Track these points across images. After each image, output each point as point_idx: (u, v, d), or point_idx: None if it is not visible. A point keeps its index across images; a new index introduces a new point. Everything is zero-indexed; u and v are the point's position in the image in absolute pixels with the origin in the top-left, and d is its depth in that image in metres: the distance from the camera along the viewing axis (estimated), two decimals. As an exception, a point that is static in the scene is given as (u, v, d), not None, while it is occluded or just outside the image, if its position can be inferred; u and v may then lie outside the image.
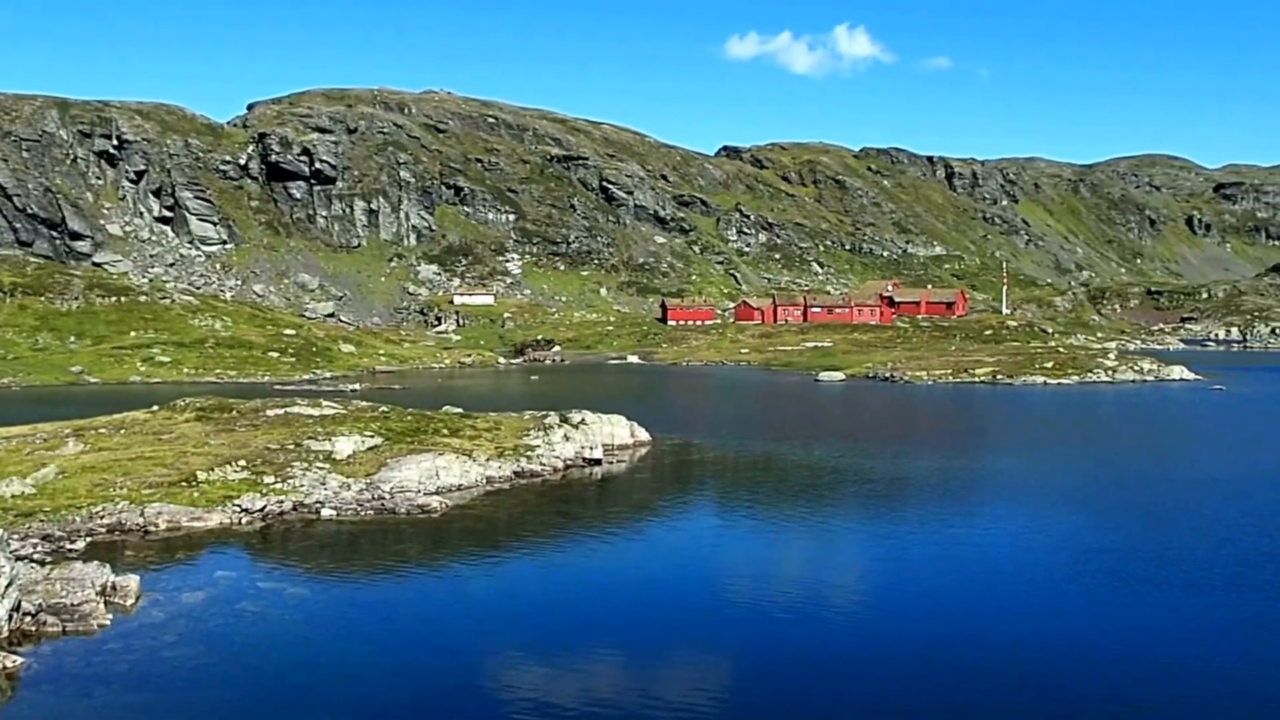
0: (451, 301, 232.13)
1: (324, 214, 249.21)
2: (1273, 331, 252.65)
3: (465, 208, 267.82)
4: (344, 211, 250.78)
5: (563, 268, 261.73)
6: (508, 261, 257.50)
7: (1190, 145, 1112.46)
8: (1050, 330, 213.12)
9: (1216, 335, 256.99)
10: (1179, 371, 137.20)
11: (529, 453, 63.71)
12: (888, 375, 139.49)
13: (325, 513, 50.62)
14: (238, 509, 49.49)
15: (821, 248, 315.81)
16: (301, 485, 53.00)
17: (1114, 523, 49.54)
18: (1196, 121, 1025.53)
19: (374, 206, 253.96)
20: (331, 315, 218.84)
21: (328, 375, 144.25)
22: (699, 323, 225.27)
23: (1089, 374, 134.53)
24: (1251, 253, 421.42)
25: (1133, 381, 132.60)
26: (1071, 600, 37.55)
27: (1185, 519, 50.28)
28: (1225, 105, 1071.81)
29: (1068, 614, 36.06)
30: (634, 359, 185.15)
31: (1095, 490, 57.95)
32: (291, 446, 58.54)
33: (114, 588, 36.82)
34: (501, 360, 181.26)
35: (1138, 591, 38.40)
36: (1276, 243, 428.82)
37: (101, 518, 47.09)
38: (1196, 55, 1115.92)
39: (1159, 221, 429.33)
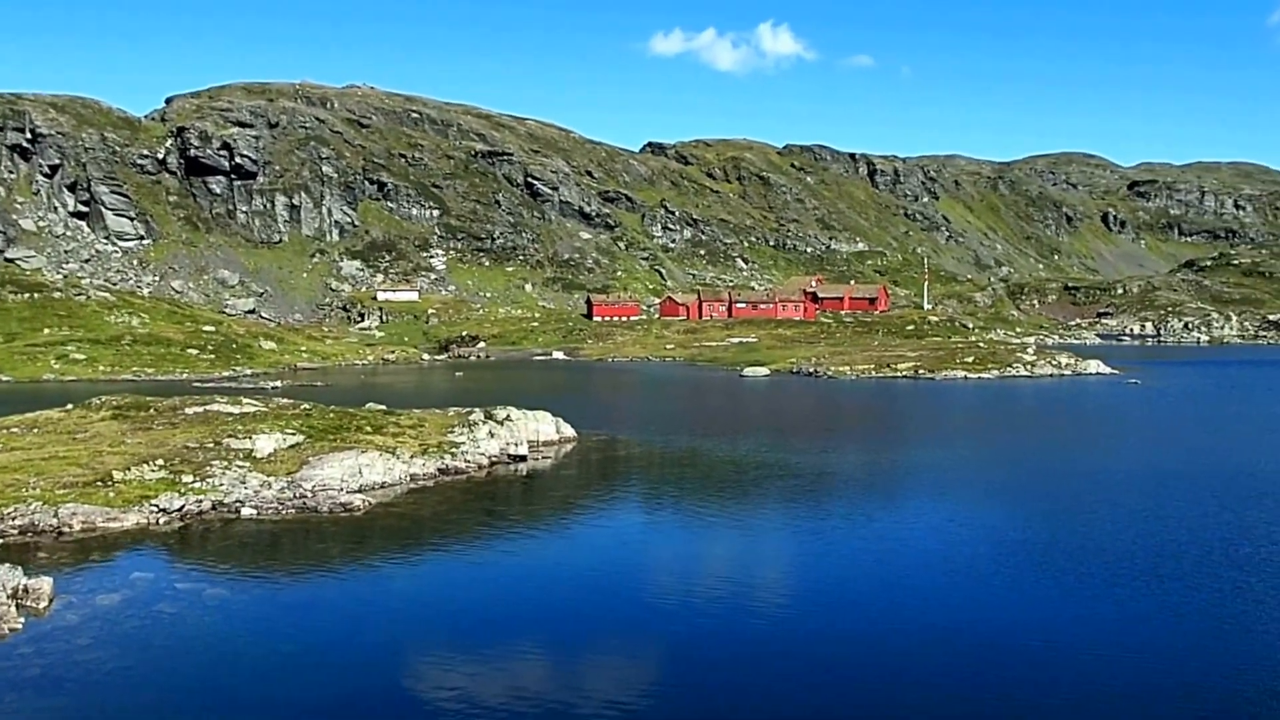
0: (375, 298, 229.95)
1: (244, 209, 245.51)
2: (1185, 326, 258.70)
3: (389, 203, 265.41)
4: (265, 207, 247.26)
5: (488, 264, 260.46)
6: (432, 257, 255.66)
7: (1106, 143, 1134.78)
8: (971, 325, 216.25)
9: (1131, 330, 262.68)
10: (1095, 366, 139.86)
11: (453, 450, 63.26)
12: (812, 370, 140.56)
13: (245, 512, 49.83)
14: (155, 509, 48.53)
15: (746, 244, 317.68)
16: (221, 484, 52.13)
17: (1036, 515, 50.32)
18: (1112, 120, 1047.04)
19: (296, 202, 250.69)
20: (252, 312, 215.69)
21: (248, 372, 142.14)
22: (624, 319, 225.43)
23: (1008, 369, 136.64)
24: (1165, 249, 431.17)
25: (1051, 376, 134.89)
26: (994, 591, 38.07)
27: (1106, 511, 51.21)
28: (1140, 104, 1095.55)
29: (991, 604, 36.56)
30: (559, 355, 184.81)
31: (1017, 483, 58.84)
32: (211, 445, 57.57)
33: (26, 590, 35.92)
34: (426, 357, 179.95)
35: (1060, 582, 39.02)
36: (1189, 239, 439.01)
37: (13, 519, 45.91)
38: (1112, 55, 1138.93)
39: (1075, 218, 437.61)
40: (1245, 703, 28.18)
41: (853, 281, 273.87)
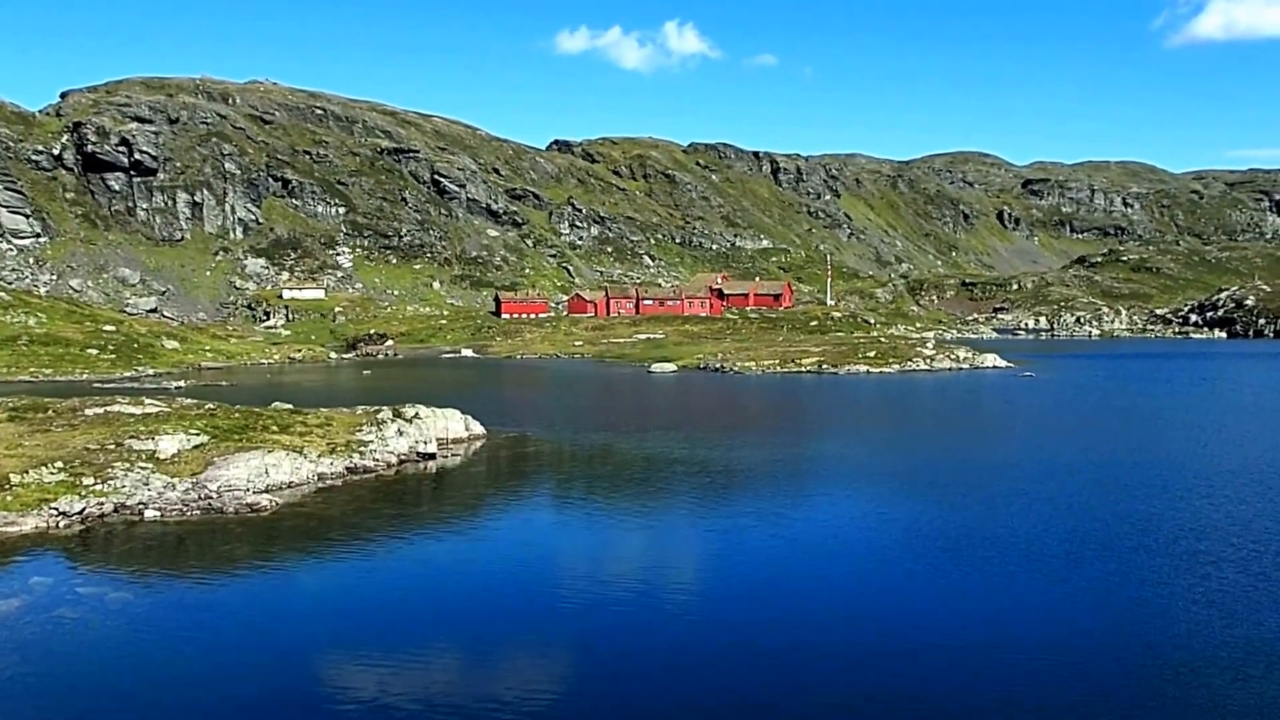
0: (280, 296, 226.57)
1: (145, 206, 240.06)
2: (1077, 321, 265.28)
3: (293, 200, 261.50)
4: (166, 204, 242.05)
5: (395, 261, 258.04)
6: (338, 255, 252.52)
7: (1001, 143, 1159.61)
8: (872, 321, 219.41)
9: (1026, 324, 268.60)
10: (992, 359, 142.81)
11: (362, 448, 62.69)
12: (718, 366, 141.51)
13: (149, 514, 48.88)
14: (55, 512, 47.34)
15: (653, 241, 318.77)
16: (123, 486, 51.06)
17: (940, 504, 51.24)
18: (1006, 120, 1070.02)
19: (198, 199, 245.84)
20: (154, 311, 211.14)
21: (151, 373, 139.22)
22: (533, 316, 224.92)
23: (909, 363, 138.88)
24: (1057, 245, 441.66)
25: (950, 369, 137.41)
26: (902, 580, 38.73)
27: (1006, 500, 52.31)
28: (1033, 104, 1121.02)
29: (900, 593, 37.19)
30: (468, 353, 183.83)
31: (920, 474, 59.85)
32: (112, 446, 56.31)
33: (-81, 599, 34.80)
34: (333, 355, 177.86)
35: (964, 569, 39.80)
36: (1080, 236, 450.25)
37: (-95, 525, 44.44)
38: (1007, 56, 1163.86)
39: (972, 216, 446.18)
40: (1160, 679, 29.05)
41: (757, 278, 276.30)
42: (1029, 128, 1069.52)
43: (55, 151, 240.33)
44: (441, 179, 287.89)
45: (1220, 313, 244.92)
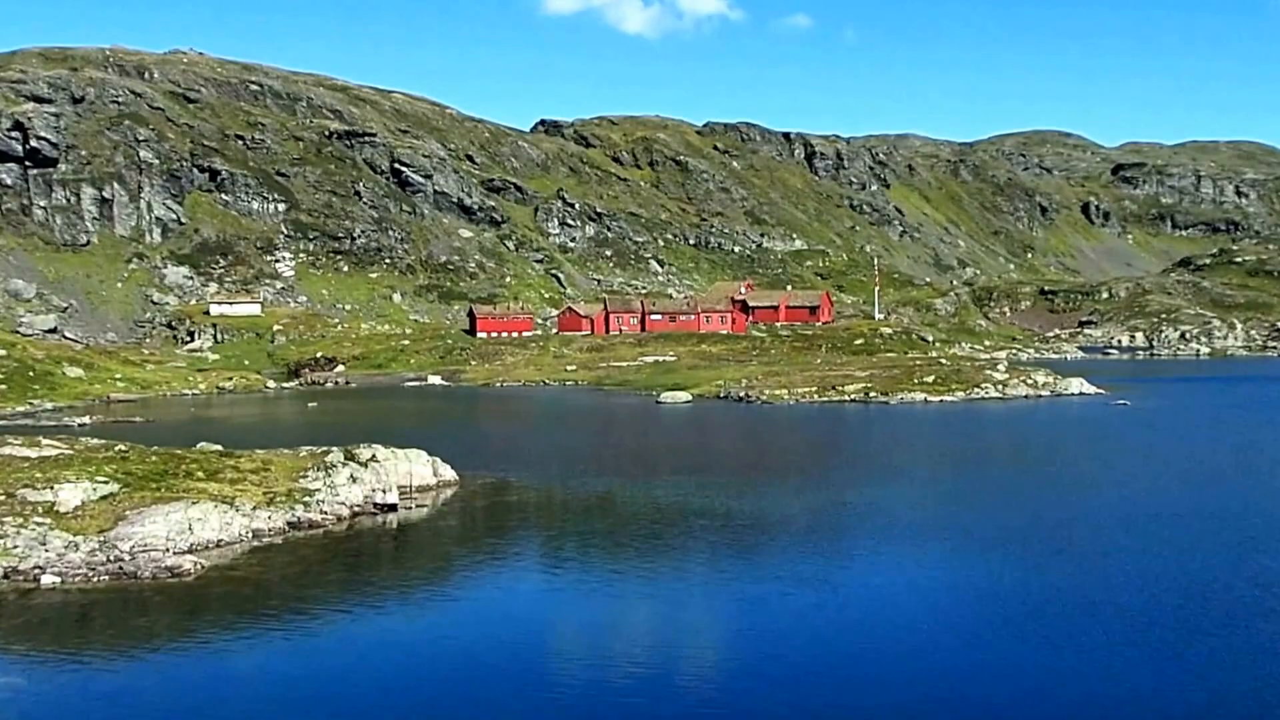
0: (207, 312, 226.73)
1: (42, 204, 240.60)
2: (1182, 336, 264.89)
3: (223, 195, 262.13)
4: (68, 201, 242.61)
5: (346, 269, 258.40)
6: (277, 262, 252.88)
7: (1085, 120, 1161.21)
8: (930, 338, 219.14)
9: (1119, 341, 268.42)
10: (1078, 385, 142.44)
11: (306, 499, 62.54)
12: (743, 395, 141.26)
13: (46, 580, 48.69)
14: (-70, 580, 47.22)
15: (661, 242, 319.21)
16: (15, 546, 50.91)
17: (1011, 566, 50.84)
18: (1091, 93, 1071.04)
19: (107, 194, 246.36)
20: (54, 331, 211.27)
21: (49, 406, 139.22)
22: (515, 334, 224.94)
23: (976, 390, 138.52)
24: (1156, 244, 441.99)
25: (1026, 397, 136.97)
26: (967, 660, 38.36)
27: (1099, 557, 51.91)
28: (1124, 75, 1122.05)
29: (963, 677, 36.83)
30: (436, 380, 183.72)
31: (989, 528, 59.46)
32: (2, 498, 56.19)
33: None
34: (271, 384, 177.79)
35: (1047, 648, 39.44)
36: (1184, 233, 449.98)
37: None
38: (1092, 19, 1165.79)
39: (1051, 209, 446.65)
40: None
41: (789, 287, 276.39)
42: (1119, 101, 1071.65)
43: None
44: (403, 168, 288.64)
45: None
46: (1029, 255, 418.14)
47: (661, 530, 60.01)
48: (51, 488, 57.77)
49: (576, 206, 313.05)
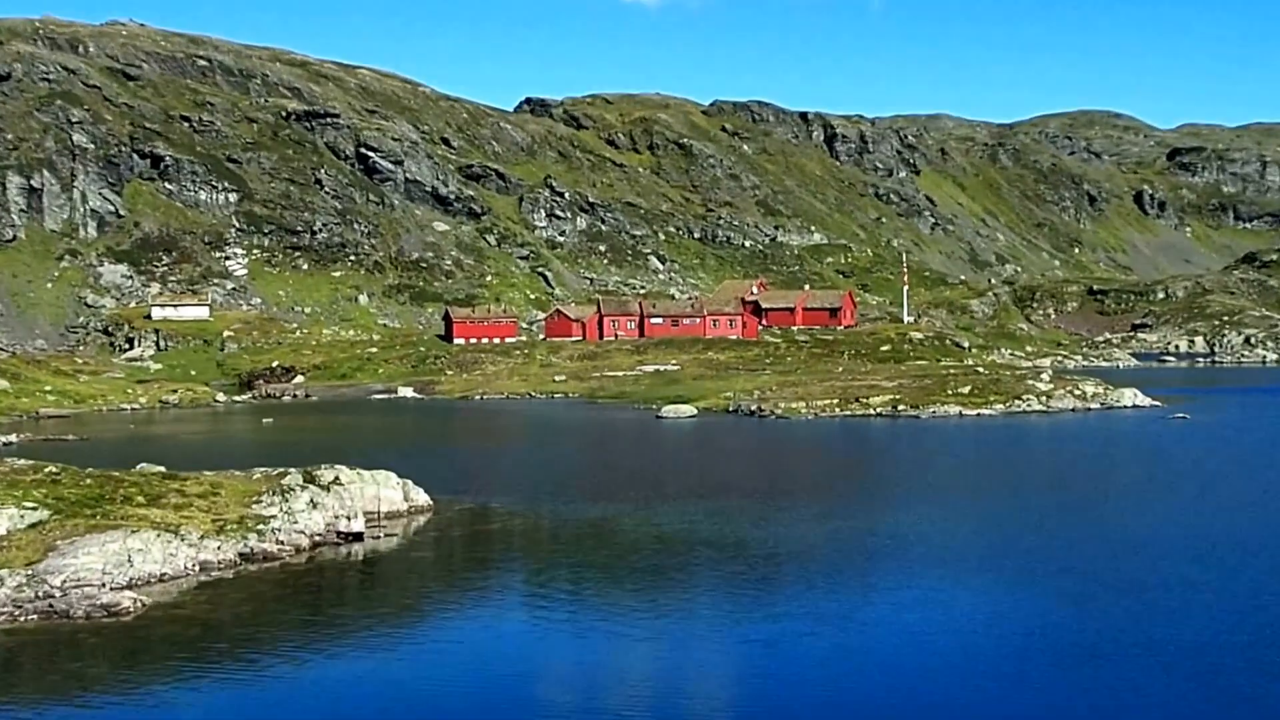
0: (149, 316, 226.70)
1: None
2: (1247, 341, 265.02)
3: (167, 184, 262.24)
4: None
5: (306, 267, 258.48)
6: (228, 259, 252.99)
7: (1138, 99, 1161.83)
8: (966, 344, 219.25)
9: (1176, 347, 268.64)
10: (1131, 396, 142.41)
11: (261, 527, 62.26)
12: (754, 408, 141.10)
13: (-35, 622, 48.46)
14: None
15: (662, 236, 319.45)
16: (-70, 583, 50.62)
17: (1071, 597, 50.59)
18: (1145, 68, 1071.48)
19: (36, 184, 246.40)
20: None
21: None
22: (497, 341, 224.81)
23: (1017, 401, 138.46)
24: (1217, 238, 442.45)
25: (1073, 410, 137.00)
26: (1025, 706, 38.11)
27: (1160, 590, 51.65)
28: (1181, 48, 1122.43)
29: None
30: (408, 392, 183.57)
31: (1034, 558, 59.21)
32: (-86, 527, 55.93)
33: None
34: (221, 397, 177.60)
35: (1120, 690, 39.21)
36: (1248, 225, 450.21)
37: None
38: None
39: (1100, 198, 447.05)
40: None
41: (807, 286, 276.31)
42: (1176, 77, 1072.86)
43: None
44: (370, 154, 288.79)
45: None
46: (1076, 250, 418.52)
47: (664, 562, 59.74)
48: (-28, 515, 57.49)
49: (566, 196, 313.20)
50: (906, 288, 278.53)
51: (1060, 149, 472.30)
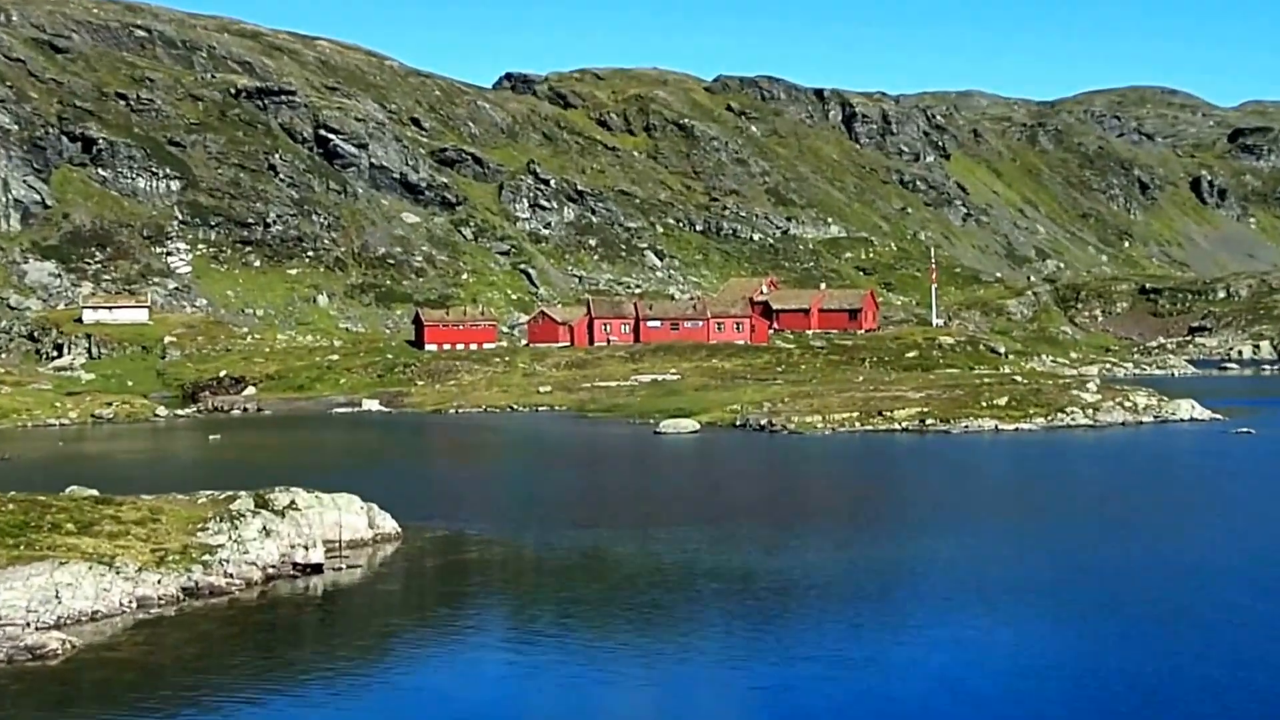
0: (80, 320, 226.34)
1: None
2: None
3: (100, 171, 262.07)
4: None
5: (258, 264, 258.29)
6: (170, 255, 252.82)
7: (1193, 75, 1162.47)
8: (1003, 350, 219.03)
9: (1239, 353, 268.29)
10: (1188, 408, 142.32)
11: (207, 558, 62.11)
12: (764, 422, 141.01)
13: None
14: None
15: (660, 228, 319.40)
16: None
17: (1124, 635, 50.51)
18: (1201, 39, 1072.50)
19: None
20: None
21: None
22: (474, 347, 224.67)
23: (1060, 414, 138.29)
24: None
25: (1123, 424, 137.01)
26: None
27: (1224, 628, 51.52)
28: (1241, 17, 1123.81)
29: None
30: (374, 405, 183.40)
31: (1085, 588, 59.10)
32: None
33: None
34: (162, 411, 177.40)
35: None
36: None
37: None
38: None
39: (1153, 185, 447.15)
40: None
41: (823, 285, 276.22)
42: (1238, 48, 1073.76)
43: None
44: (330, 136, 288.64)
45: None
46: (1125, 244, 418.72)
47: (662, 597, 59.64)
48: (-121, 545, 57.35)
49: (552, 183, 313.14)
50: (935, 286, 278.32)
51: (1108, 130, 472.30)
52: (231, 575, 61.53)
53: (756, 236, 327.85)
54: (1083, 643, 50.34)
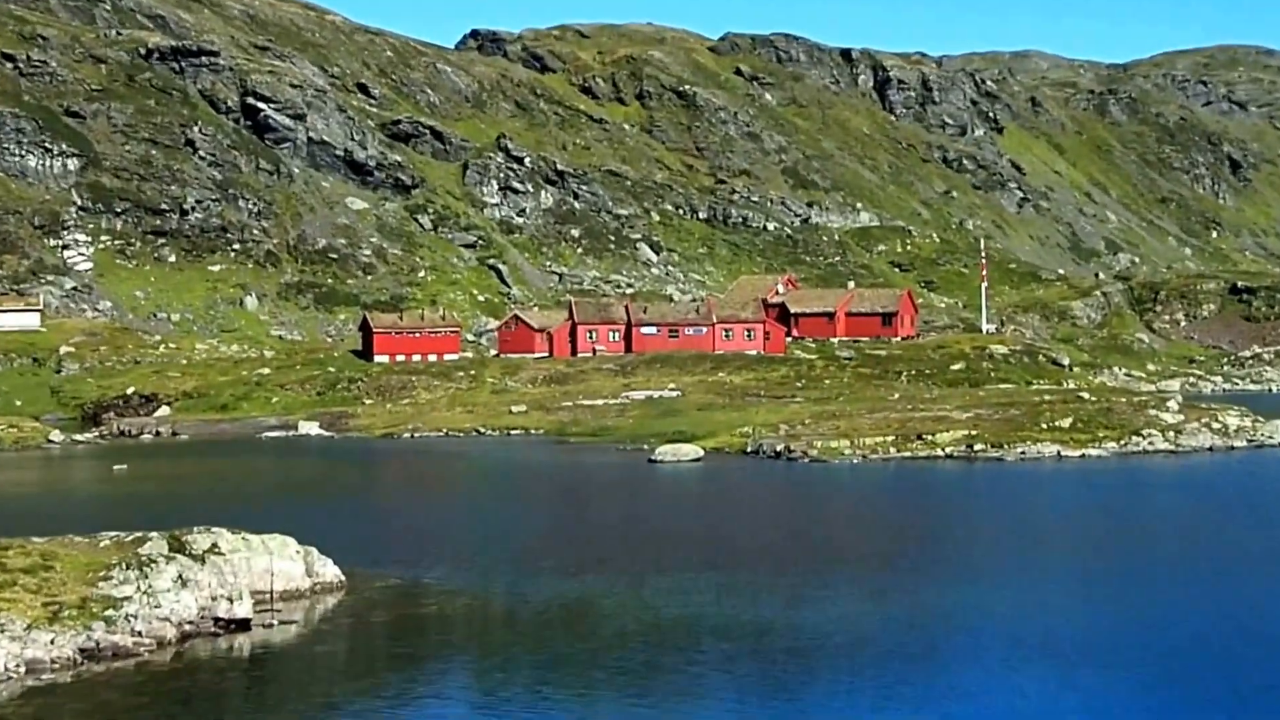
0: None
1: None
2: None
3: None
4: None
5: (174, 259, 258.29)
6: (67, 248, 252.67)
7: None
8: (1067, 361, 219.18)
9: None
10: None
11: (110, 612, 61.82)
12: (781, 448, 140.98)
13: None
14: None
15: (656, 216, 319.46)
16: None
17: (1201, 704, 50.46)
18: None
19: None
20: None
21: None
22: (433, 358, 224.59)
23: (1135, 438, 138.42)
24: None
25: (1210, 449, 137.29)
26: None
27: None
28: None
29: None
30: (313, 428, 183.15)
31: (1164, 651, 59.06)
32: None
33: None
34: (57, 435, 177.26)
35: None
36: None
37: None
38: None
39: (1246, 164, 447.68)
40: None
41: (852, 284, 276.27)
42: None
43: None
44: (261, 104, 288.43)
45: None
46: (1213, 234, 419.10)
47: (660, 659, 59.55)
48: None
49: (527, 162, 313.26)
50: (985, 285, 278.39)
51: (1192, 98, 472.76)
52: (140, 634, 61.18)
53: (771, 226, 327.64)
54: (1165, 711, 50.29)
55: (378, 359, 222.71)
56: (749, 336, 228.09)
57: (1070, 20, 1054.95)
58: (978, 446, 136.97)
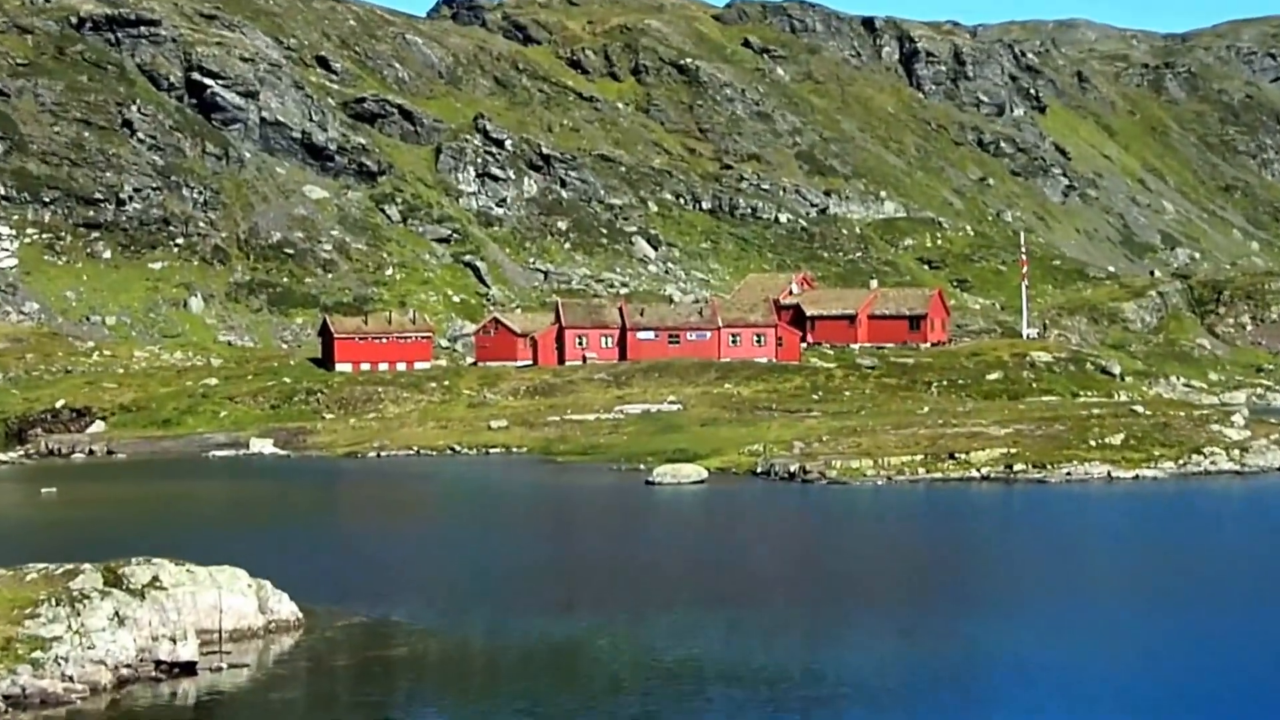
0: None
1: None
2: None
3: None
4: None
5: (109, 255, 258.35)
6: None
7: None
8: (1118, 370, 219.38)
9: None
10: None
11: (38, 654, 61.83)
12: (794, 469, 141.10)
13: None
14: None
15: (654, 206, 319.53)
16: None
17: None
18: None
19: None
20: None
21: None
22: (402, 367, 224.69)
23: (1196, 456, 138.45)
24: None
25: (1279, 470, 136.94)
26: None
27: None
28: None
29: None
30: (266, 446, 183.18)
31: (1228, 700, 59.10)
32: None
33: None
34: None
35: None
36: None
37: None
38: None
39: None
40: None
41: (875, 283, 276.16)
42: None
43: None
44: (208, 81, 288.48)
45: None
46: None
47: (659, 707, 59.58)
48: None
49: (508, 145, 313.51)
50: (1026, 285, 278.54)
51: (1259, 73, 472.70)
52: (71, 678, 61.14)
53: (784, 218, 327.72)
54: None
55: (339, 368, 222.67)
56: (759, 342, 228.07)
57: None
58: (1017, 467, 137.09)
